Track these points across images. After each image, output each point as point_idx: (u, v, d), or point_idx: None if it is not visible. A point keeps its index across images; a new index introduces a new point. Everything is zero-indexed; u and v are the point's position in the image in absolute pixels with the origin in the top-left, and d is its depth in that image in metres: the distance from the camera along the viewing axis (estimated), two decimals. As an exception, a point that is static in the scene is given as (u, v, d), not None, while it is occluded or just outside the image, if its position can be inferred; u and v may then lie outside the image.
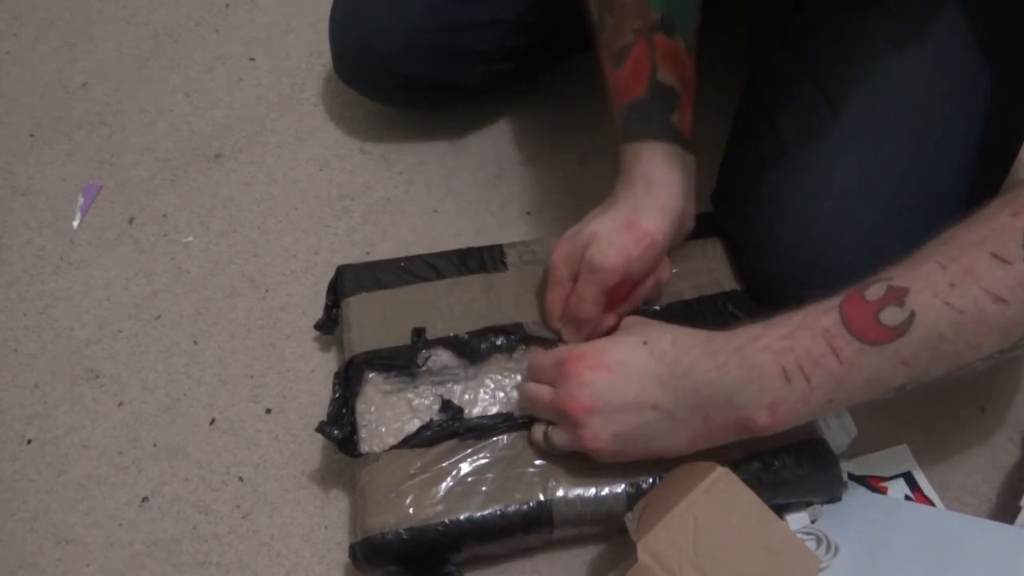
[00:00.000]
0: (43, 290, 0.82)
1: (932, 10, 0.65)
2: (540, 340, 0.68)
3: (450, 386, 0.66)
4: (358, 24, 0.83)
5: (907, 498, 0.66)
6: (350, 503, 0.68)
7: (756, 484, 0.57)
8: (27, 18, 1.06)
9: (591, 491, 0.61)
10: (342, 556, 0.66)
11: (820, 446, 0.63)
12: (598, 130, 0.91)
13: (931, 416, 0.71)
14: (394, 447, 0.63)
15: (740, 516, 0.54)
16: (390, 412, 0.65)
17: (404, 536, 0.59)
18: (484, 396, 0.66)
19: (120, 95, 0.98)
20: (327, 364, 0.76)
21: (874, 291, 0.50)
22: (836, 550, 0.59)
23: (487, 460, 0.62)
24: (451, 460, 0.62)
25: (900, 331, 0.48)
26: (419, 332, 0.68)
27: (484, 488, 0.61)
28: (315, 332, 0.75)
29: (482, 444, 0.63)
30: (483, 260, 0.73)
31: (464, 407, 0.65)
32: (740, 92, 0.78)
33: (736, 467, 0.59)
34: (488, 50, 0.83)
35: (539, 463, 0.62)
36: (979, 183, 0.67)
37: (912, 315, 0.48)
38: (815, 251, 0.65)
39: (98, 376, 0.77)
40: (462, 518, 0.59)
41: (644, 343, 0.57)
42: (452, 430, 0.63)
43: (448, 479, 0.61)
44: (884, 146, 0.65)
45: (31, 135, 0.95)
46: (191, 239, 0.85)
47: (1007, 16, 0.65)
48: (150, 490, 0.70)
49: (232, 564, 0.66)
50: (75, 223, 0.87)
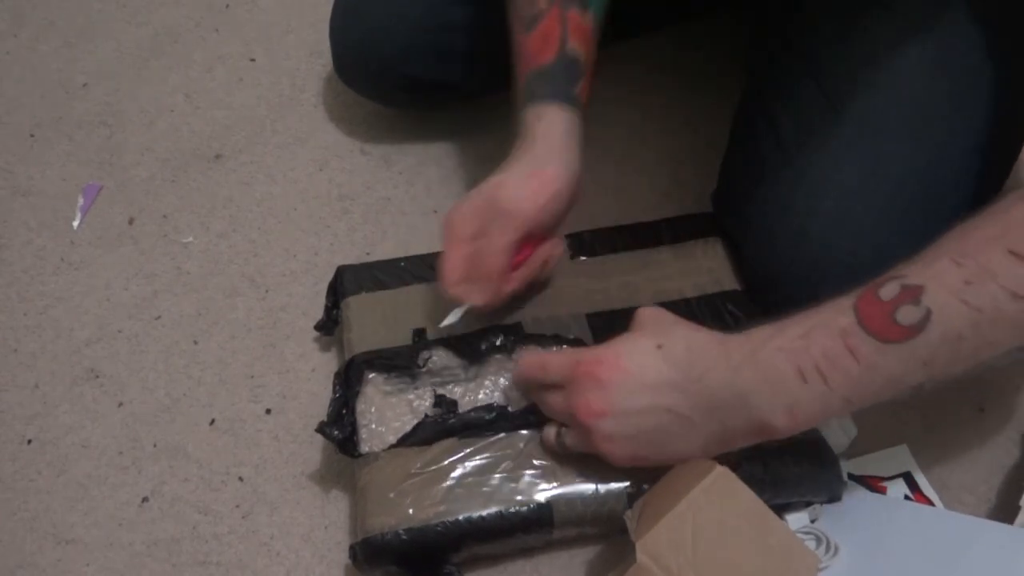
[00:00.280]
0: (43, 290, 0.82)
1: (933, 10, 0.65)
2: (539, 338, 0.68)
3: (451, 387, 0.66)
4: (358, 24, 0.83)
5: (907, 498, 0.66)
6: (350, 503, 0.69)
7: (756, 484, 0.57)
8: (27, 18, 1.07)
9: (591, 491, 0.61)
10: (342, 556, 0.66)
11: (820, 446, 0.63)
12: (596, 131, 0.91)
13: (931, 416, 0.71)
14: (393, 446, 0.63)
15: (739, 516, 0.54)
16: (390, 412, 0.65)
17: (404, 536, 0.59)
18: (484, 397, 0.66)
19: (120, 95, 0.98)
20: (327, 364, 0.76)
21: (888, 290, 0.49)
22: (836, 550, 0.59)
23: (487, 460, 0.62)
24: (451, 460, 0.62)
25: (917, 330, 0.47)
26: (420, 333, 0.68)
27: (484, 488, 0.61)
28: (315, 332, 0.75)
29: (482, 444, 0.63)
30: (483, 260, 0.73)
31: (464, 408, 0.65)
32: (740, 92, 0.78)
33: (736, 467, 0.59)
34: (488, 50, 0.83)
35: (539, 463, 0.62)
36: (980, 183, 0.67)
37: (928, 313, 0.47)
38: (815, 251, 0.65)
39: (98, 376, 0.77)
40: (462, 518, 0.59)
41: (659, 347, 0.55)
42: (447, 426, 0.63)
43: (448, 479, 0.61)
44: (885, 146, 0.65)
45: (31, 135, 0.95)
46: (191, 239, 0.85)
47: (1007, 16, 0.65)
48: (150, 490, 0.70)
49: (232, 564, 0.67)
50: (75, 223, 0.87)
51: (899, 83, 0.65)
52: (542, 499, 0.60)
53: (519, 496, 0.60)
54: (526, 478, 0.61)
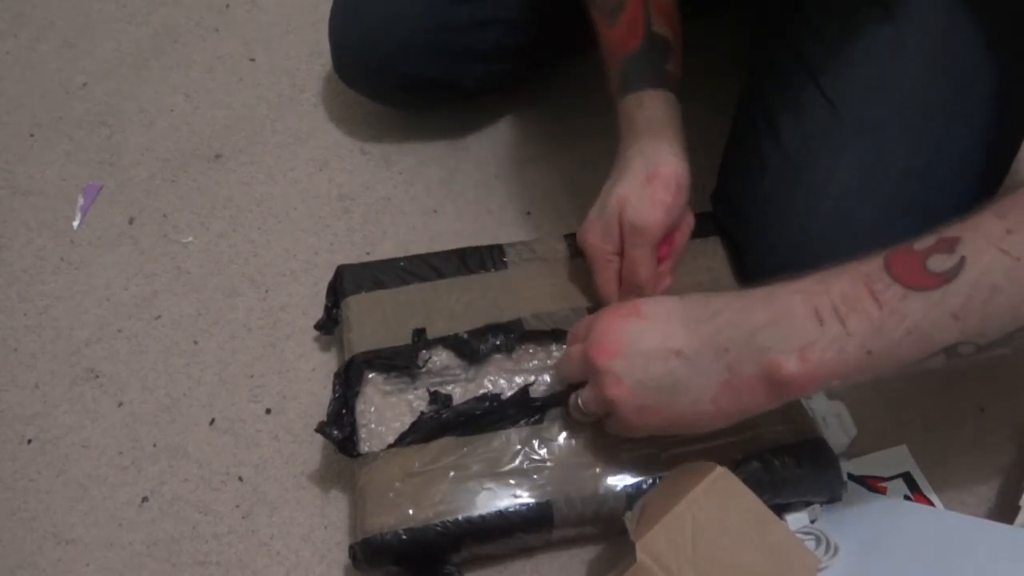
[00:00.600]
0: (43, 290, 0.82)
1: (931, 10, 0.65)
2: (538, 335, 0.68)
3: (451, 387, 0.66)
4: (358, 24, 0.83)
5: (906, 498, 0.66)
6: (350, 503, 0.69)
7: (756, 484, 0.57)
8: (27, 18, 1.07)
9: (592, 491, 0.61)
10: (341, 556, 0.66)
11: (820, 446, 0.63)
12: (597, 130, 0.91)
13: (930, 416, 0.71)
14: (391, 446, 0.63)
15: (739, 516, 0.54)
16: (390, 412, 0.65)
17: (404, 536, 0.59)
18: (481, 395, 0.66)
19: (120, 95, 0.98)
20: (327, 364, 0.76)
21: (923, 242, 0.47)
22: (835, 550, 0.59)
23: (487, 460, 0.62)
24: (451, 460, 0.62)
25: (947, 277, 0.44)
26: (420, 333, 0.68)
27: (484, 488, 0.61)
28: (315, 332, 0.75)
29: (482, 443, 0.63)
30: (483, 260, 0.73)
31: None
32: (740, 92, 0.78)
33: (736, 467, 0.59)
34: (488, 49, 0.83)
35: (540, 463, 0.62)
36: (980, 182, 0.67)
37: (962, 261, 0.44)
38: (815, 251, 0.65)
39: (98, 376, 0.77)
40: (462, 518, 0.59)
41: (680, 298, 0.56)
42: (443, 420, 0.63)
43: (448, 479, 0.61)
44: (884, 146, 0.65)
45: (31, 135, 0.95)
46: (191, 239, 0.85)
47: (1006, 16, 0.65)
48: (150, 490, 0.70)
49: (232, 564, 0.67)
50: (75, 223, 0.87)
51: (898, 83, 0.65)
52: (542, 499, 0.60)
53: (519, 495, 0.60)
54: (526, 477, 0.61)
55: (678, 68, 0.69)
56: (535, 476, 0.61)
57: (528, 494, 0.60)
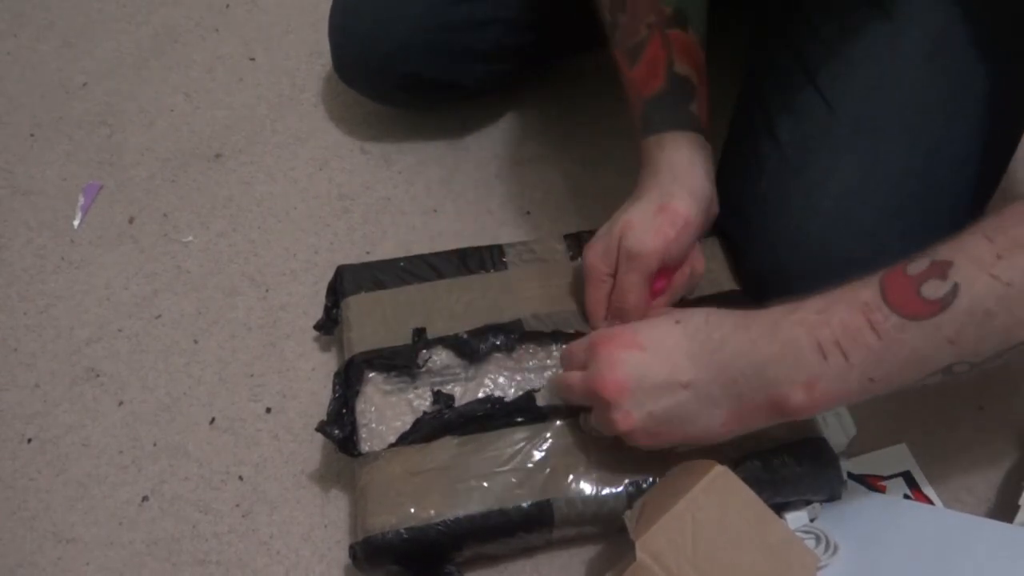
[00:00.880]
0: (43, 289, 0.82)
1: (930, 10, 0.65)
2: (538, 336, 0.68)
3: (451, 386, 0.66)
4: (358, 23, 0.83)
5: (906, 497, 0.66)
6: (350, 502, 0.69)
7: (756, 483, 0.57)
8: (27, 18, 1.07)
9: (592, 490, 0.61)
10: (341, 555, 0.66)
11: (820, 444, 0.63)
12: (597, 130, 0.91)
13: (930, 415, 0.71)
14: (392, 445, 0.63)
15: (738, 515, 0.54)
16: (390, 412, 0.65)
17: (405, 536, 0.59)
18: (483, 396, 0.66)
19: (120, 95, 0.98)
20: (327, 363, 0.76)
21: (916, 265, 0.48)
22: (835, 549, 0.59)
23: (488, 459, 0.62)
24: (451, 459, 0.62)
25: (942, 305, 0.46)
26: (420, 333, 0.68)
27: (485, 487, 0.61)
28: (315, 331, 0.75)
29: (483, 443, 0.63)
30: (483, 260, 0.73)
31: None
32: (739, 92, 0.78)
33: (736, 466, 0.60)
34: (487, 49, 0.83)
35: (540, 462, 0.62)
36: (978, 181, 0.67)
37: (955, 288, 0.46)
38: (814, 251, 0.65)
39: (98, 375, 0.77)
40: (463, 517, 0.59)
41: (677, 322, 0.56)
42: (444, 421, 0.63)
43: (449, 478, 0.61)
44: (882, 146, 0.65)
45: (31, 135, 0.95)
46: (191, 238, 0.85)
47: (1004, 16, 0.65)
48: (150, 489, 0.70)
49: (232, 563, 0.67)
50: (75, 223, 0.87)
51: (896, 83, 0.65)
52: (543, 498, 0.60)
53: (520, 495, 0.60)
54: (527, 477, 0.61)
55: (703, 108, 0.68)
56: (536, 476, 0.61)
57: (529, 494, 0.60)
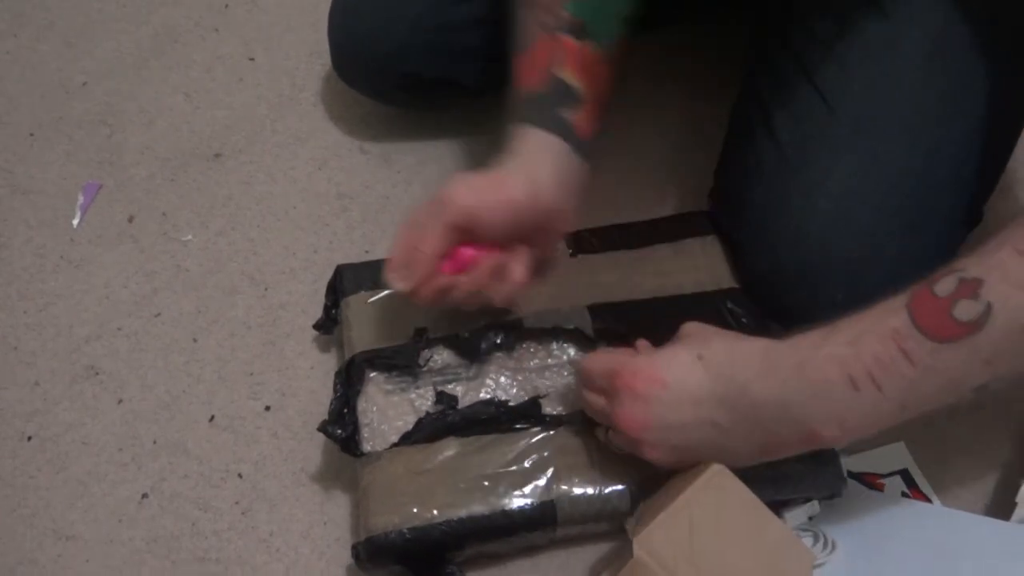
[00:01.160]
0: (43, 288, 0.83)
1: (928, 10, 0.65)
2: (538, 333, 0.68)
3: (452, 385, 0.66)
4: (357, 23, 0.83)
5: (904, 495, 0.67)
6: (350, 500, 0.69)
7: (757, 480, 0.57)
8: (27, 18, 1.07)
9: (595, 489, 0.61)
10: (341, 553, 0.66)
11: (819, 443, 0.63)
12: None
13: (928, 414, 0.71)
14: (395, 445, 0.63)
15: (736, 513, 0.55)
16: (392, 411, 0.65)
17: (407, 535, 0.59)
18: (485, 395, 0.66)
19: (120, 95, 0.98)
20: (326, 361, 0.76)
21: (944, 285, 0.46)
22: (833, 547, 0.59)
23: (490, 458, 0.62)
24: (454, 459, 0.62)
25: (977, 326, 0.44)
26: (421, 332, 0.68)
27: (488, 487, 0.61)
28: (314, 330, 0.75)
29: (485, 442, 0.63)
30: (481, 259, 0.73)
31: (465, 405, 0.65)
32: (738, 92, 0.78)
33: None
34: (487, 49, 0.83)
35: (543, 461, 0.62)
36: (976, 180, 0.68)
37: (989, 307, 0.44)
38: (812, 250, 0.65)
39: (98, 373, 0.77)
40: (465, 517, 0.59)
41: (699, 358, 0.54)
42: (448, 422, 0.63)
43: (451, 478, 0.61)
44: (881, 146, 0.65)
45: (31, 134, 0.95)
46: (191, 237, 0.86)
47: (1001, 14, 0.65)
48: (149, 487, 0.70)
49: (231, 560, 0.67)
50: (75, 222, 0.87)
51: (894, 82, 0.66)
52: (546, 497, 0.60)
53: (522, 494, 0.60)
54: (529, 476, 0.61)
55: (585, 119, 0.63)
56: (538, 475, 0.61)
57: (531, 493, 0.61)
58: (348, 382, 0.66)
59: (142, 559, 0.67)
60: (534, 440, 0.63)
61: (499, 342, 0.67)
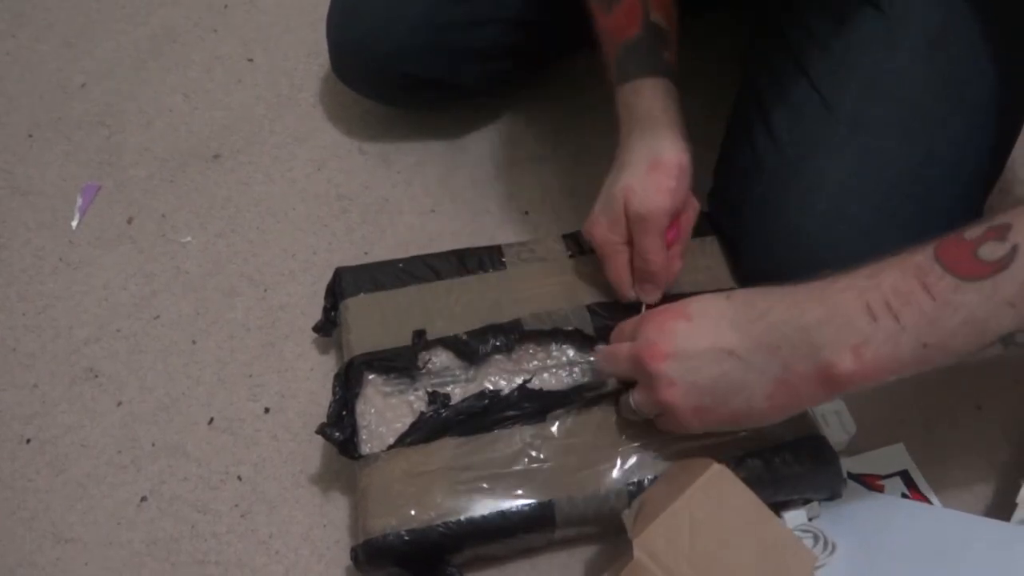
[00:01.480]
0: (42, 290, 0.82)
1: (926, 9, 0.65)
2: (538, 335, 0.68)
3: (451, 387, 0.66)
4: (356, 23, 0.83)
5: (904, 496, 0.66)
6: (349, 502, 0.69)
7: (757, 481, 0.57)
8: (26, 18, 1.07)
9: (593, 490, 0.61)
10: (340, 554, 0.66)
11: (820, 443, 0.63)
12: (595, 130, 0.91)
13: (927, 414, 0.71)
14: (392, 446, 0.63)
15: (736, 513, 0.55)
16: (391, 413, 0.65)
17: (406, 538, 0.59)
18: (480, 392, 0.66)
19: (119, 95, 0.98)
20: (326, 363, 0.76)
21: (974, 230, 0.46)
22: (833, 548, 0.59)
23: (489, 460, 0.62)
24: (452, 460, 0.62)
25: (1001, 265, 0.44)
26: (420, 334, 0.68)
27: (486, 488, 0.61)
28: (314, 332, 0.75)
29: (483, 443, 0.63)
30: (481, 261, 0.73)
31: None
32: (736, 91, 0.78)
33: (737, 464, 0.60)
34: (486, 49, 0.83)
35: (541, 462, 0.62)
36: (974, 179, 0.68)
37: (1015, 249, 0.44)
38: (811, 249, 0.65)
39: (97, 375, 0.77)
40: (464, 519, 0.59)
41: (727, 297, 0.55)
42: (443, 419, 0.63)
43: (449, 479, 0.61)
44: (879, 144, 0.65)
45: (30, 135, 0.95)
46: (190, 239, 0.85)
47: (1001, 13, 0.65)
48: (149, 489, 0.70)
49: (231, 563, 0.67)
50: (74, 223, 0.87)
51: (893, 81, 0.66)
52: (544, 498, 0.60)
53: (521, 495, 0.60)
54: (528, 477, 0.61)
55: (674, 55, 0.68)
56: (537, 476, 0.61)
57: (530, 494, 0.60)
58: (347, 384, 0.66)
59: (141, 562, 0.67)
60: (532, 441, 0.63)
61: (498, 344, 0.67)
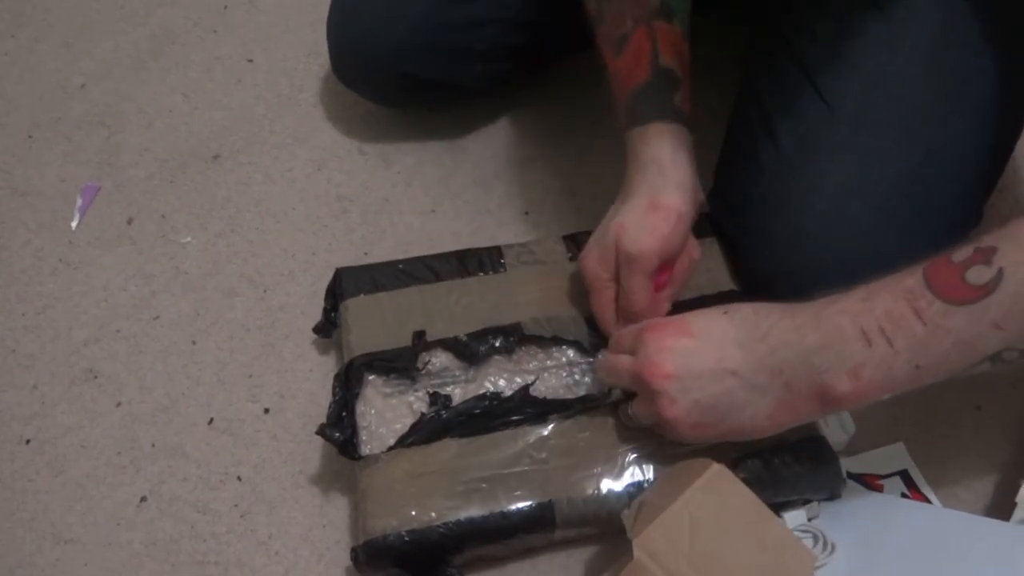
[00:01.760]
0: (41, 291, 0.82)
1: (927, 9, 0.65)
2: (538, 340, 0.68)
3: (450, 388, 0.66)
4: (356, 24, 0.83)
5: (903, 496, 0.66)
6: (349, 502, 0.69)
7: (757, 482, 0.57)
8: (26, 19, 1.07)
9: (593, 490, 0.61)
10: (340, 555, 0.66)
11: (820, 443, 0.63)
12: (596, 130, 0.91)
13: (927, 414, 0.71)
14: (392, 447, 0.63)
15: (736, 513, 0.55)
16: (390, 414, 0.65)
17: (406, 538, 0.59)
18: (481, 394, 0.66)
19: (118, 96, 0.98)
20: (325, 363, 0.76)
21: (961, 253, 0.48)
22: (832, 548, 0.59)
23: (489, 461, 0.62)
24: (452, 461, 0.62)
25: (987, 290, 0.46)
26: (420, 335, 0.68)
27: (486, 489, 0.61)
28: (313, 332, 0.75)
29: (483, 444, 0.63)
30: (481, 262, 0.73)
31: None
32: (737, 92, 0.78)
33: (737, 465, 0.60)
34: (486, 49, 0.83)
35: (541, 463, 0.62)
36: (975, 180, 0.68)
37: (1000, 272, 0.46)
38: (811, 250, 0.65)
39: (96, 376, 0.77)
40: (464, 519, 0.59)
41: (725, 312, 0.56)
42: (443, 421, 0.63)
43: (449, 480, 0.61)
44: (880, 145, 0.65)
45: (30, 136, 0.95)
46: (189, 239, 0.85)
47: (1002, 14, 0.65)
48: (148, 490, 0.70)
49: (230, 563, 0.67)
50: (73, 224, 0.87)
51: (893, 82, 0.66)
52: (544, 499, 0.60)
53: (521, 496, 0.60)
54: (528, 478, 0.61)
55: (687, 101, 0.67)
56: (537, 477, 0.61)
57: (530, 495, 0.60)
58: (347, 385, 0.66)
59: (141, 562, 0.67)
60: (532, 441, 0.63)
61: (498, 345, 0.67)
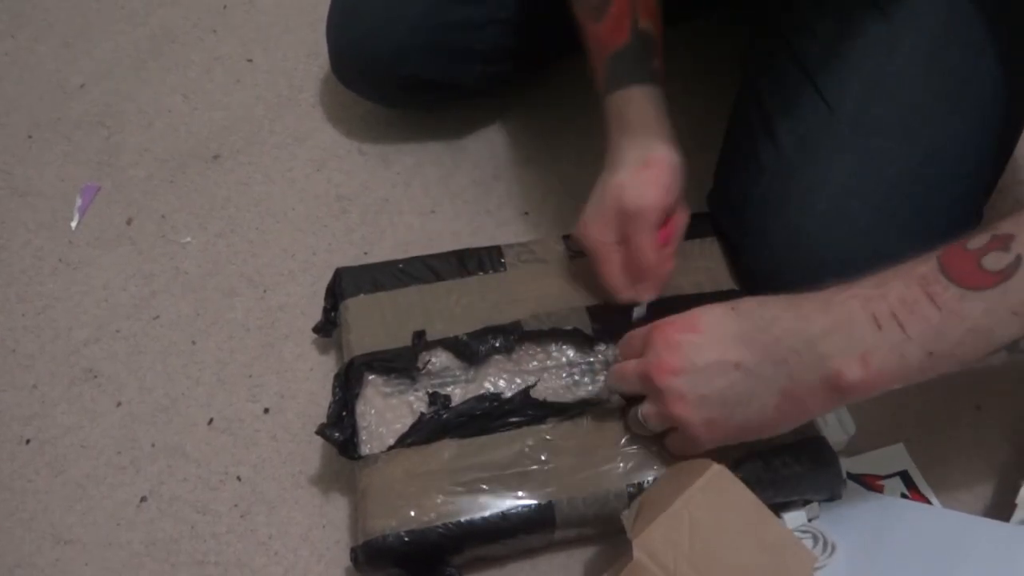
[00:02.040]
0: (41, 291, 0.82)
1: (928, 9, 0.65)
2: (537, 335, 0.68)
3: (451, 388, 0.66)
4: (356, 24, 0.83)
5: (903, 496, 0.66)
6: (348, 502, 0.69)
7: (757, 482, 0.57)
8: (26, 19, 1.07)
9: (593, 491, 0.61)
10: (340, 555, 0.66)
11: (820, 444, 0.63)
12: (596, 130, 0.91)
13: (927, 414, 0.71)
14: (392, 447, 0.63)
15: (736, 513, 0.55)
16: (390, 414, 0.65)
17: (405, 538, 0.59)
18: (481, 394, 0.66)
19: (118, 96, 0.98)
20: (325, 363, 0.76)
21: (976, 241, 0.47)
22: (832, 548, 0.59)
23: (488, 461, 0.62)
24: (452, 461, 0.62)
25: (1005, 275, 0.45)
26: (420, 335, 0.68)
27: (486, 489, 0.61)
28: (313, 332, 0.75)
29: (483, 444, 0.63)
30: (481, 262, 0.73)
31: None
32: (737, 92, 0.78)
33: (737, 465, 0.60)
34: (486, 50, 0.83)
35: (541, 463, 0.62)
36: (975, 180, 0.68)
37: (1019, 259, 0.45)
38: (811, 250, 0.65)
39: (96, 376, 0.77)
40: (464, 520, 0.59)
41: (732, 308, 0.56)
42: (443, 421, 0.63)
43: (449, 480, 0.61)
44: (879, 145, 0.65)
45: (29, 136, 0.95)
46: (189, 240, 0.85)
47: (1003, 15, 0.65)
48: (148, 490, 0.70)
49: (230, 563, 0.67)
50: (73, 224, 0.87)
51: (893, 82, 0.66)
52: (544, 500, 0.60)
53: (521, 496, 0.60)
54: (528, 478, 0.61)
55: (662, 65, 0.68)
56: (537, 477, 0.61)
57: (530, 495, 0.60)
58: (347, 385, 0.66)
59: (141, 562, 0.67)
60: (532, 442, 0.63)
61: (497, 345, 0.67)
